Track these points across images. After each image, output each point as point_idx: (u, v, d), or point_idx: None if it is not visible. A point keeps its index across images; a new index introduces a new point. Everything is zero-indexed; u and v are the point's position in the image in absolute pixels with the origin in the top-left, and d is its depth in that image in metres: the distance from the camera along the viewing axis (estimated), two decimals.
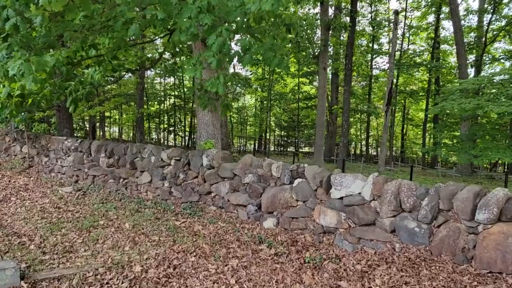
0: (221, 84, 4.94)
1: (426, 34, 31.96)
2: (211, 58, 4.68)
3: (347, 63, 17.54)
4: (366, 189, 4.65)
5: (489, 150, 9.61)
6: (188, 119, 35.89)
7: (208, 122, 7.60)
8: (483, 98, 10.43)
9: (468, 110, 9.92)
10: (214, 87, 4.99)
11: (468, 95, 11.23)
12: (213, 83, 4.97)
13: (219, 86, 4.98)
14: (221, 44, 4.44)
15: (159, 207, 7.00)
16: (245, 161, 6.21)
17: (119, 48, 7.78)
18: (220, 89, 4.99)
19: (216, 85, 4.99)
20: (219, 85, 4.93)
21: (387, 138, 35.40)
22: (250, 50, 4.75)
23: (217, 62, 4.74)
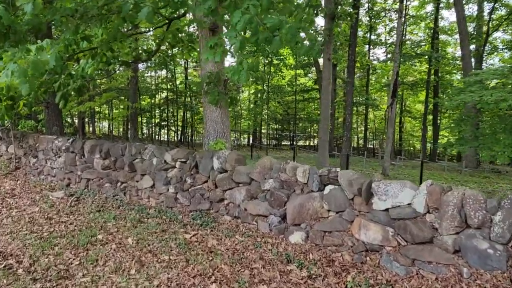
0: (244, 71, 4.13)
1: (425, 24, 31.33)
2: (233, 39, 3.86)
3: (350, 53, 16.79)
4: (418, 200, 3.90)
5: None
6: (180, 113, 34.94)
7: (216, 119, 6.79)
8: (505, 89, 9.72)
9: (491, 103, 9.18)
10: (236, 74, 4.17)
11: (487, 86, 10.54)
12: (235, 70, 4.15)
13: (242, 74, 4.16)
14: (247, 22, 3.63)
15: (164, 217, 6.19)
16: (263, 164, 5.43)
17: (114, 39, 6.95)
18: (243, 77, 4.18)
19: (238, 72, 4.17)
20: (242, 72, 4.11)
21: None
22: (281, 31, 3.94)
23: (240, 44, 3.93)
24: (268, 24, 4.03)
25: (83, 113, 23.05)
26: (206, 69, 6.67)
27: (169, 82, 31.80)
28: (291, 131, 37.29)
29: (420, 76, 32.63)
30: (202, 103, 7.10)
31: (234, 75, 4.32)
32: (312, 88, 31.59)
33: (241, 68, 4.32)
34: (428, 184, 3.91)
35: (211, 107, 6.75)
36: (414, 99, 36.72)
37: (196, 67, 32.61)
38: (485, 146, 9.57)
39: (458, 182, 15.37)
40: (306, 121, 36.71)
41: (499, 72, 10.23)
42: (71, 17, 5.67)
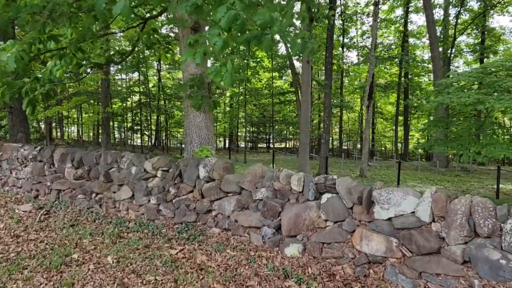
0: (228, 72, 3.80)
1: (395, 28, 31.98)
2: (215, 37, 3.53)
3: (328, 56, 16.74)
4: (423, 208, 3.71)
5: (492, 146, 8.99)
6: (154, 117, 34.14)
7: (200, 124, 6.43)
8: (481, 91, 9.85)
9: (469, 104, 9.26)
10: (219, 76, 3.84)
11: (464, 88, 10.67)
12: (218, 71, 3.82)
13: (226, 76, 3.83)
14: (232, 19, 3.33)
15: (146, 230, 5.77)
16: (254, 172, 5.13)
17: (84, 39, 6.50)
18: (227, 79, 3.86)
19: (221, 74, 3.84)
20: (226, 74, 3.79)
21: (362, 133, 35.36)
22: (273, 29, 3.66)
23: (223, 43, 3.62)
24: (258, 21, 3.74)
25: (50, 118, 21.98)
26: (189, 72, 6.31)
27: (142, 85, 30.99)
28: (267, 134, 37.15)
29: (391, 79, 33.28)
30: (184, 108, 6.73)
31: (217, 77, 3.99)
32: (288, 91, 31.56)
33: (224, 70, 4.01)
34: (433, 191, 3.73)
35: (194, 111, 6.38)
36: (385, 101, 37.43)
37: (170, 70, 31.93)
38: (464, 147, 9.64)
39: (432, 181, 15.63)
40: (282, 124, 36.66)
41: (475, 75, 10.36)
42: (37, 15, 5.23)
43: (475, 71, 10.71)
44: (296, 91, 26.58)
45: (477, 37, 28.17)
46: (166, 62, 31.07)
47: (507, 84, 9.52)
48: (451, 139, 10.62)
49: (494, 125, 9.92)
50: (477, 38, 28.46)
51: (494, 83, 9.90)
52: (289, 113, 36.86)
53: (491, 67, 11.41)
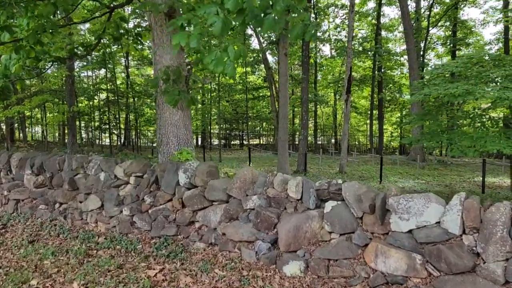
0: (230, 59, 3.15)
1: (367, 22, 31.88)
2: (213, 17, 2.87)
3: (304, 49, 16.20)
4: (451, 218, 3.16)
5: (483, 139, 8.65)
6: (123, 115, 32.74)
7: (178, 123, 5.68)
8: (469, 82, 9.53)
9: (458, 96, 8.89)
10: (220, 65, 3.18)
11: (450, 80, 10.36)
12: (219, 59, 3.15)
13: (229, 65, 3.18)
14: None
15: (118, 246, 4.98)
16: (243, 177, 4.45)
17: (44, 30, 5.67)
18: (230, 69, 3.21)
19: (223, 62, 3.17)
20: (227, 61, 3.13)
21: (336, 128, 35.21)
22: (275, 8, 3.01)
23: (222, 24, 2.96)
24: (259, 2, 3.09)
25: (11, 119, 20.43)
26: (163, 63, 5.53)
27: (109, 82, 29.55)
28: (240, 130, 36.41)
29: (364, 73, 33.22)
30: (157, 105, 5.96)
31: (218, 67, 3.31)
32: (261, 86, 30.94)
33: (226, 57, 3.33)
34: (462, 197, 3.18)
35: (170, 109, 5.62)
36: (359, 94, 37.41)
37: (139, 66, 30.62)
38: (453, 141, 9.28)
39: (413, 175, 15.42)
40: (256, 120, 36.05)
41: (461, 65, 10.02)
42: None
43: (461, 61, 10.40)
44: (270, 86, 26.03)
45: (448, 29, 28.41)
46: (135, 58, 29.79)
47: (495, 75, 9.23)
48: (437, 133, 10.27)
49: (482, 117, 9.62)
50: (448, 30, 28.71)
51: (482, 73, 9.60)
52: (262, 108, 36.28)
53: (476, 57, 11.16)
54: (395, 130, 39.49)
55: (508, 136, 8.69)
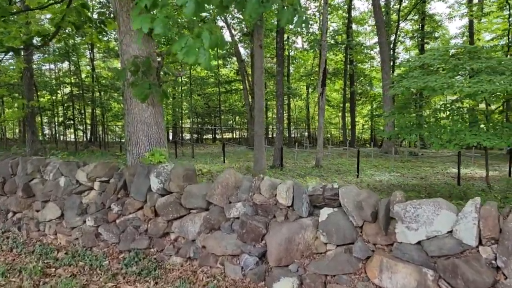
0: (205, 47, 2.63)
1: (338, 15, 31.79)
2: None
3: (279, 41, 15.73)
4: (465, 227, 2.78)
5: (462, 133, 8.52)
6: (89, 110, 31.31)
7: (148, 120, 5.08)
8: (447, 75, 9.37)
9: (437, 89, 8.72)
10: (192, 55, 2.66)
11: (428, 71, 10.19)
12: (190, 47, 2.63)
13: (202, 54, 2.66)
14: None
15: (81, 263, 4.36)
16: (225, 181, 3.94)
17: None
18: (204, 58, 2.69)
19: (195, 51, 2.65)
20: (201, 50, 2.61)
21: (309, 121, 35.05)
22: None
23: (195, 5, 2.44)
24: None
25: None
26: (130, 53, 4.91)
27: (73, 76, 28.07)
28: (213, 125, 35.66)
29: (336, 66, 33.22)
30: (125, 99, 5.33)
31: (189, 56, 2.78)
32: (234, 79, 30.30)
33: (199, 45, 2.80)
34: (477, 204, 2.80)
35: (139, 104, 5.01)
36: (331, 88, 37.45)
37: (105, 58, 29.26)
38: (433, 134, 9.11)
39: (388, 168, 15.37)
40: (228, 114, 35.40)
41: (440, 58, 9.85)
42: None
43: (438, 53, 10.24)
44: (243, 79, 25.50)
45: (417, 23, 28.71)
46: (101, 51, 28.43)
47: (472, 67, 9.09)
48: (417, 126, 10.09)
49: (461, 110, 9.51)
50: (416, 24, 29.02)
51: (458, 66, 9.46)
52: (235, 102, 35.68)
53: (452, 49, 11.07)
54: (366, 123, 39.94)
55: (487, 128, 8.60)
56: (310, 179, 11.84)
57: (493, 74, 8.64)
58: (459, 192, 9.60)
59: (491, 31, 25.70)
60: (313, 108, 35.85)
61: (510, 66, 8.58)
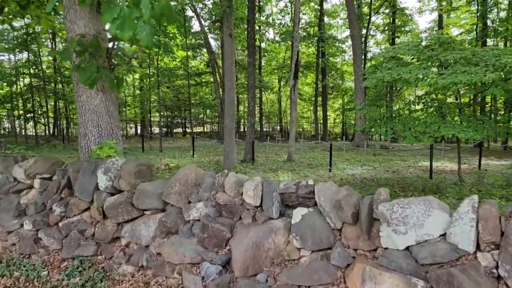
0: (144, 19, 2.09)
1: (309, 7, 31.51)
2: None
3: (250, 30, 15.17)
4: (461, 230, 2.38)
5: (437, 125, 8.32)
6: (51, 102, 29.76)
7: (98, 109, 4.45)
8: (422, 66, 9.17)
9: (412, 81, 8.49)
10: (128, 27, 2.12)
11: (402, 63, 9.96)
12: (125, 18, 2.08)
13: (142, 28, 2.13)
14: None
15: (17, 273, 3.72)
16: (184, 178, 3.41)
17: None
18: (145, 33, 2.15)
19: (130, 24, 2.10)
20: (140, 22, 2.07)
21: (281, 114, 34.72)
22: None
23: None
24: None
25: None
26: (75, 31, 4.26)
27: (33, 66, 26.50)
28: (183, 118, 34.70)
29: (308, 59, 33.02)
30: (74, 86, 4.68)
31: (123, 30, 2.23)
32: (204, 72, 29.47)
33: (136, 14, 2.25)
34: (475, 202, 2.40)
35: (88, 91, 4.38)
36: (303, 81, 37.27)
37: None
38: (407, 127, 8.86)
39: (360, 161, 15.21)
40: (199, 107, 34.53)
41: (414, 48, 9.61)
42: None
43: (412, 44, 10.01)
44: (213, 71, 24.80)
45: (388, 16, 28.83)
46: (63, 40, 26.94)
47: (447, 58, 8.89)
48: (390, 119, 9.84)
49: (434, 102, 9.31)
50: (387, 18, 29.15)
51: (433, 57, 9.25)
52: (206, 95, 34.88)
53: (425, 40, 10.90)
54: (338, 117, 40.09)
55: (461, 120, 8.42)
56: (282, 174, 11.45)
57: (467, 66, 8.47)
58: (432, 185, 9.42)
59: (459, 26, 26.11)
60: (285, 101, 35.63)
61: (485, 57, 8.42)
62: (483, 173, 11.11)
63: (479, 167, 12.56)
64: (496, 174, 11.21)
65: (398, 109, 10.12)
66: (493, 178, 9.87)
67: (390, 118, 9.91)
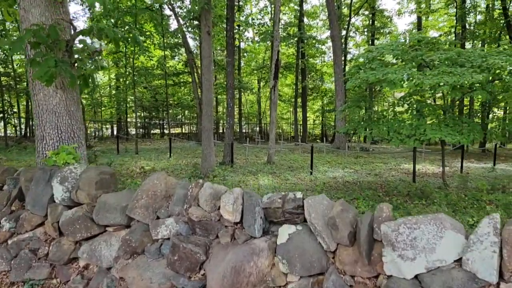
0: None
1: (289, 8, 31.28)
2: None
3: (229, 29, 14.71)
4: (480, 256, 2.01)
5: (422, 127, 8.10)
6: (23, 102, 28.49)
7: (57, 109, 3.91)
8: (407, 66, 8.95)
9: (397, 82, 8.24)
10: None
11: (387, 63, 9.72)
12: None
13: None
14: None
15: None
16: (153, 189, 2.94)
17: None
18: None
19: None
20: None
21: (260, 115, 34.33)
22: None
23: None
24: None
25: None
26: (30, 20, 3.73)
27: (2, 64, 25.27)
28: (161, 119, 33.83)
29: (288, 60, 32.80)
30: (29, 82, 4.13)
31: None
32: (182, 71, 28.76)
33: None
34: (496, 222, 2.03)
35: (45, 88, 3.85)
36: (282, 82, 37.04)
37: None
38: (392, 130, 8.59)
39: (341, 164, 14.96)
40: (177, 107, 33.75)
41: (399, 48, 9.38)
42: None
43: (396, 44, 9.79)
44: (191, 71, 24.19)
45: (367, 18, 28.89)
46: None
47: (431, 59, 8.69)
48: (374, 121, 9.57)
49: (419, 104, 9.08)
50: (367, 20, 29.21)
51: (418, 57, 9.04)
52: (184, 96, 34.15)
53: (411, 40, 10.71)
54: (317, 118, 40.03)
55: (447, 123, 8.20)
56: (262, 177, 11.04)
57: (452, 66, 8.28)
58: (416, 190, 9.19)
59: (438, 29, 26.34)
60: (265, 102, 35.33)
61: (470, 58, 8.24)
62: (466, 176, 10.97)
63: (461, 170, 12.47)
64: (479, 178, 11.11)
65: (381, 110, 9.86)
66: (479, 182, 9.72)
67: (375, 120, 9.64)
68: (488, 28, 20.69)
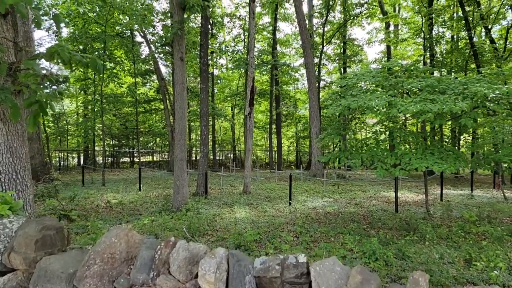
0: None
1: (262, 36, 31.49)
2: None
3: (203, 56, 14.29)
4: None
5: (407, 156, 7.79)
6: None
7: None
8: (388, 93, 8.73)
9: (380, 107, 8.04)
10: None
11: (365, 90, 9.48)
12: None
13: None
14: None
15: None
16: (110, 250, 2.27)
17: None
18: None
19: None
20: None
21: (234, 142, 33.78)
22: None
23: None
24: None
25: None
26: None
27: None
28: (131, 147, 32.67)
29: (262, 87, 32.76)
30: None
31: None
32: (154, 98, 28.02)
33: None
34: None
35: None
36: (256, 109, 36.88)
37: None
38: (377, 158, 8.22)
39: (319, 193, 14.51)
40: (148, 135, 32.74)
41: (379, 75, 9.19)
42: None
43: (376, 71, 9.61)
44: (163, 98, 23.54)
45: (339, 47, 29.38)
46: None
47: (412, 85, 8.49)
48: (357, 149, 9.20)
49: (403, 132, 8.80)
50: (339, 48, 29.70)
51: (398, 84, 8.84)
52: (156, 123, 33.27)
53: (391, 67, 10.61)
54: (292, 144, 39.87)
55: (432, 151, 7.90)
56: (238, 209, 10.39)
57: (434, 93, 8.09)
58: (401, 221, 8.78)
59: (407, 57, 27.00)
60: (239, 129, 34.98)
61: (451, 85, 8.08)
62: (448, 205, 10.70)
63: (441, 198, 12.23)
64: (460, 206, 10.87)
65: (364, 138, 9.51)
66: (463, 211, 9.44)
67: (358, 148, 9.27)
68: (455, 57, 21.29)
